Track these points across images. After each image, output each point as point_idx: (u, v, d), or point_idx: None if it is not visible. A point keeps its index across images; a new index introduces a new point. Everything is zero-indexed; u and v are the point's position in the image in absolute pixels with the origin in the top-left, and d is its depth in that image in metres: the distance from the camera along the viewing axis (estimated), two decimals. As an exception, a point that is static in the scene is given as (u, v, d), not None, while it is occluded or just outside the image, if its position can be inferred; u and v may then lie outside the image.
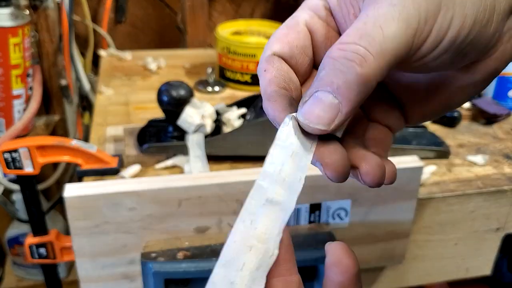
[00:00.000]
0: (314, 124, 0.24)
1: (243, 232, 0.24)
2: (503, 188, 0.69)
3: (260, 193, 0.25)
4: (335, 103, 0.23)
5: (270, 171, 0.25)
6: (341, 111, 0.23)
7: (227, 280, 0.23)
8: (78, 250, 0.55)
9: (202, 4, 1.13)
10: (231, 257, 0.24)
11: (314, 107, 0.24)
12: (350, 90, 0.23)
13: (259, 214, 0.24)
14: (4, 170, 0.61)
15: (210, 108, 0.71)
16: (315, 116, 0.24)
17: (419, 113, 0.31)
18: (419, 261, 0.72)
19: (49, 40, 1.00)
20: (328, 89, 0.23)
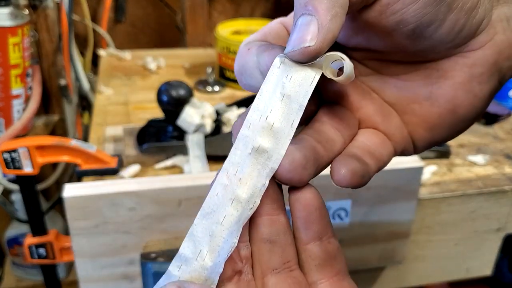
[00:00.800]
0: (298, 46, 0.23)
1: (226, 185, 0.24)
2: (504, 188, 0.69)
3: (245, 142, 0.24)
4: (309, 19, 0.23)
5: (254, 118, 0.24)
6: (320, 24, 0.23)
7: (206, 232, 0.23)
8: (78, 250, 0.55)
9: (202, 4, 1.13)
10: (212, 209, 0.24)
11: (296, 33, 0.23)
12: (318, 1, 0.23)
13: (244, 164, 0.24)
14: (4, 170, 0.61)
15: (210, 108, 0.71)
16: (298, 39, 0.23)
17: (425, 129, 0.28)
18: (420, 261, 0.71)
19: (48, 39, 0.99)
20: (301, 11, 0.23)
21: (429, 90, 0.27)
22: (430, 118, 0.28)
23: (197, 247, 0.24)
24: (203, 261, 0.23)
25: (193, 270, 0.24)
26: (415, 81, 0.28)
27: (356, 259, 0.66)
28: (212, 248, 0.23)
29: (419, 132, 0.28)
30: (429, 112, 0.28)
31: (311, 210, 0.25)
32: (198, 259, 0.23)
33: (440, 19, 0.24)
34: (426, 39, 0.25)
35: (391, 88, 0.29)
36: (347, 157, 0.25)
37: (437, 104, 0.27)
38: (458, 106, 0.27)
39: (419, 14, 0.24)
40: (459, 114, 0.27)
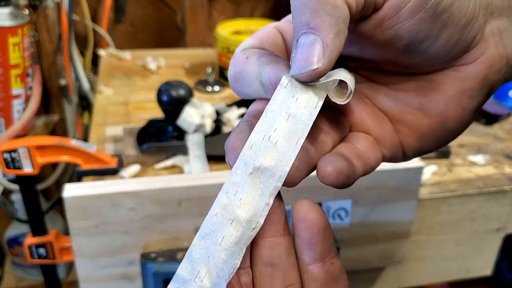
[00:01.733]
0: (305, 68, 0.23)
1: (226, 205, 0.23)
2: (504, 188, 0.69)
3: (246, 162, 0.23)
4: (314, 38, 0.22)
5: (257, 138, 0.23)
6: (325, 43, 0.22)
7: (204, 254, 0.23)
8: (78, 250, 0.55)
9: (202, 4, 1.13)
10: (211, 229, 0.23)
11: (301, 54, 0.23)
12: (319, 17, 0.22)
13: (245, 184, 0.23)
14: (4, 170, 0.61)
15: (210, 108, 0.71)
16: (304, 60, 0.23)
17: (415, 139, 0.28)
18: (420, 262, 0.71)
19: (48, 39, 0.99)
20: (303, 30, 0.23)
21: (421, 101, 0.28)
22: (420, 128, 0.28)
23: (195, 268, 0.23)
24: (201, 283, 0.23)
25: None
26: (407, 92, 0.28)
27: (356, 259, 0.66)
28: (211, 269, 0.23)
29: (409, 140, 0.29)
30: (420, 122, 0.28)
31: (314, 232, 0.24)
32: (196, 281, 0.23)
33: (434, 35, 0.25)
34: (420, 54, 0.26)
35: (383, 97, 0.29)
36: (334, 156, 0.25)
37: (428, 115, 0.28)
38: (448, 118, 0.27)
39: (413, 30, 0.24)
40: (449, 126, 0.28)
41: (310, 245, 0.24)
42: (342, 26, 0.23)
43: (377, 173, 0.59)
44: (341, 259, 0.51)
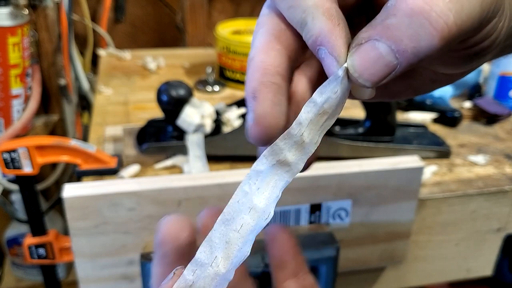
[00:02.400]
0: (363, 80, 0.21)
1: (247, 192, 0.24)
2: (504, 188, 0.69)
3: (275, 153, 0.24)
4: (393, 64, 0.20)
5: (295, 132, 0.23)
6: (393, 73, 0.21)
7: (223, 239, 0.24)
8: (77, 251, 0.55)
9: (202, 3, 1.13)
10: (231, 216, 0.24)
11: (370, 58, 0.21)
12: (416, 57, 0.20)
13: (267, 175, 0.24)
14: (3, 170, 0.61)
15: (209, 108, 0.70)
16: (367, 70, 0.21)
17: (384, 95, 0.29)
18: (420, 262, 0.71)
19: (48, 39, 0.99)
20: (392, 46, 0.20)
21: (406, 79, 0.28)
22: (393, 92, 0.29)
23: (213, 253, 0.24)
24: (217, 268, 0.24)
25: (207, 275, 0.24)
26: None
27: (356, 259, 0.65)
28: (227, 255, 0.24)
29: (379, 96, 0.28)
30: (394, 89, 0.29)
31: (286, 249, 0.25)
32: (213, 265, 0.24)
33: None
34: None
35: None
36: None
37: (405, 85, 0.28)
38: (421, 90, 0.28)
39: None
40: (420, 92, 0.29)
41: (283, 263, 0.25)
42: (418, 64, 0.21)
43: (377, 173, 0.59)
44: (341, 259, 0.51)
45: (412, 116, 0.86)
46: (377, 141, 0.73)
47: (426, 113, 0.86)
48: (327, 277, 0.57)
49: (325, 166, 0.59)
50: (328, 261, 0.56)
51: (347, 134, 0.73)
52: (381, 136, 0.73)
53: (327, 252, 0.56)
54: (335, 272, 0.57)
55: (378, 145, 0.72)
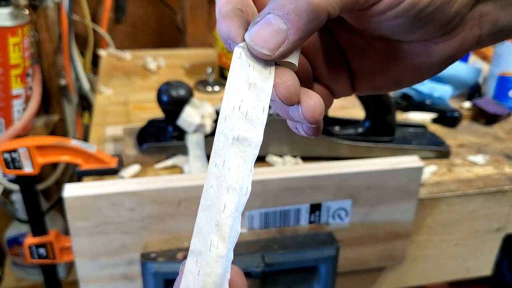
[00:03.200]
0: (259, 48, 0.24)
1: (218, 175, 0.24)
2: (504, 188, 0.69)
3: (225, 133, 0.24)
4: (283, 29, 0.23)
5: (229, 110, 0.25)
6: (288, 39, 0.23)
7: (212, 224, 0.24)
8: (78, 250, 0.55)
9: (202, 4, 1.13)
10: (211, 201, 0.24)
11: (262, 29, 0.23)
12: (300, 17, 0.23)
13: (229, 154, 0.24)
14: (4, 170, 0.61)
15: (210, 108, 0.71)
16: (261, 39, 0.23)
17: (369, 84, 0.31)
18: (420, 262, 0.72)
19: (48, 39, 0.99)
20: (279, 12, 0.23)
21: (384, 63, 0.30)
22: (376, 82, 0.30)
23: (207, 239, 0.24)
24: (217, 249, 0.24)
25: (210, 260, 0.24)
26: (376, 50, 0.30)
27: (356, 259, 0.66)
28: (221, 236, 0.24)
29: (363, 87, 0.31)
30: (377, 78, 0.30)
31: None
32: (212, 249, 0.24)
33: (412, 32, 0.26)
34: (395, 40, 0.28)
35: (353, 48, 0.30)
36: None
37: (386, 75, 0.30)
38: (403, 80, 0.30)
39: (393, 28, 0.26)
40: (402, 85, 0.30)
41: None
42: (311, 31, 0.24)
43: (377, 173, 0.59)
44: (341, 259, 0.51)
45: (412, 116, 0.86)
46: (377, 141, 0.73)
47: (426, 113, 0.86)
48: (327, 277, 0.57)
49: (325, 166, 0.59)
50: (328, 261, 0.56)
51: (346, 134, 0.74)
52: (381, 136, 0.73)
53: (327, 252, 0.56)
54: (335, 272, 0.57)
55: (377, 145, 0.72)
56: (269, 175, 0.57)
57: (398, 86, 0.30)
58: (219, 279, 0.24)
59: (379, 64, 0.30)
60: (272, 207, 0.58)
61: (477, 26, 0.27)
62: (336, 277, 0.58)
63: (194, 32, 1.16)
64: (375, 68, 0.30)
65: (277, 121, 0.67)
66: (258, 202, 0.57)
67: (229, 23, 0.25)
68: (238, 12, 0.25)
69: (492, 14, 0.27)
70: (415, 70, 0.29)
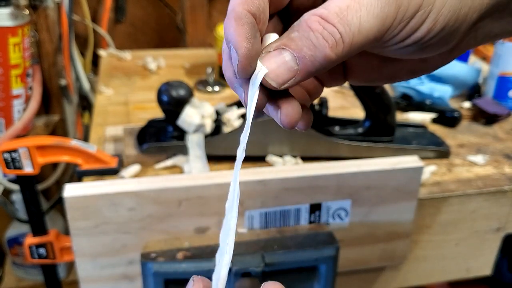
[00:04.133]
0: (270, 80, 0.26)
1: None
2: (504, 188, 0.69)
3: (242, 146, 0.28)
4: (294, 69, 0.25)
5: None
6: (295, 77, 0.26)
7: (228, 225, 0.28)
8: (78, 250, 0.55)
9: (202, 4, 1.13)
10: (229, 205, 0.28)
11: (276, 62, 0.25)
12: (313, 64, 0.25)
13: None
14: (4, 170, 0.61)
15: (210, 108, 0.71)
16: (273, 71, 0.25)
17: (362, 78, 0.32)
18: (420, 261, 0.72)
19: (49, 40, 0.99)
20: (295, 53, 0.25)
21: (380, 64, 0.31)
22: (369, 77, 0.32)
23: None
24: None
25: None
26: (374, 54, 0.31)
27: (356, 259, 0.66)
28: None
29: (355, 80, 0.33)
30: (371, 73, 0.32)
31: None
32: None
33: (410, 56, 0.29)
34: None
35: None
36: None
37: (381, 74, 0.32)
38: (397, 77, 0.32)
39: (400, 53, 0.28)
40: (395, 81, 0.33)
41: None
42: (316, 73, 0.26)
43: (377, 173, 0.59)
44: (341, 259, 0.51)
45: (412, 116, 0.86)
46: (377, 141, 0.73)
47: (426, 113, 0.86)
48: (327, 277, 0.57)
49: (325, 166, 0.59)
50: (328, 260, 0.56)
51: (346, 134, 0.74)
52: (381, 136, 0.73)
53: (327, 252, 0.56)
54: (335, 271, 0.57)
55: (377, 145, 0.72)
56: (269, 175, 0.57)
57: (391, 81, 0.33)
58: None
59: (375, 63, 0.31)
60: (272, 207, 0.58)
61: (473, 38, 0.29)
62: (336, 277, 0.58)
63: (194, 32, 1.16)
64: (371, 66, 0.31)
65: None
66: (258, 202, 0.57)
67: (238, 31, 0.25)
68: (251, 19, 0.25)
69: (487, 27, 0.28)
70: (409, 71, 0.31)
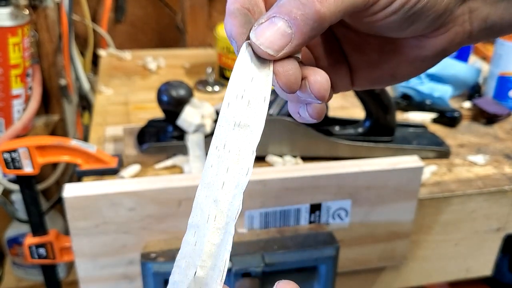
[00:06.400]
0: (264, 47, 0.25)
1: (218, 156, 0.26)
2: (504, 188, 0.69)
3: (227, 119, 0.26)
4: (288, 32, 0.25)
5: (232, 97, 0.26)
6: (292, 42, 0.25)
7: (210, 199, 0.26)
8: (78, 250, 0.55)
9: (202, 4, 1.13)
10: (211, 179, 0.26)
11: (268, 30, 0.25)
12: (306, 24, 0.24)
13: (230, 138, 0.26)
14: (4, 170, 0.61)
15: (209, 108, 0.71)
16: (266, 39, 0.25)
17: (366, 77, 0.32)
18: (420, 262, 0.72)
19: (48, 39, 0.99)
20: (285, 17, 0.25)
21: (379, 58, 0.31)
22: (372, 76, 0.32)
23: (205, 213, 0.26)
24: (214, 222, 0.25)
25: (207, 231, 0.25)
26: (371, 45, 0.31)
27: (356, 259, 0.66)
28: (220, 211, 0.25)
29: (360, 81, 0.32)
30: (373, 71, 0.32)
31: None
32: (209, 222, 0.25)
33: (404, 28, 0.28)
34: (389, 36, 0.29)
35: (349, 44, 0.32)
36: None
37: (382, 69, 0.32)
38: (398, 73, 0.32)
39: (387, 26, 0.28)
40: (397, 78, 0.32)
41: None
42: (313, 36, 0.25)
43: (377, 173, 0.59)
44: (341, 259, 0.51)
45: (412, 116, 0.86)
46: (377, 141, 0.73)
47: (426, 113, 0.86)
48: (327, 277, 0.57)
49: (325, 166, 0.59)
50: (328, 260, 0.56)
51: (346, 134, 0.74)
52: (381, 136, 0.73)
53: (327, 252, 0.56)
54: (335, 271, 0.57)
55: (377, 145, 0.72)
56: (269, 175, 0.57)
57: (395, 80, 0.32)
58: (216, 249, 0.25)
59: (375, 57, 0.31)
60: (272, 207, 0.58)
61: (467, 21, 0.28)
62: (336, 277, 0.58)
63: (194, 32, 1.16)
64: (371, 61, 0.31)
65: (277, 121, 0.68)
66: (258, 202, 0.57)
67: (233, 22, 0.26)
68: (244, 11, 0.26)
69: (481, 9, 0.28)
70: (409, 63, 0.31)
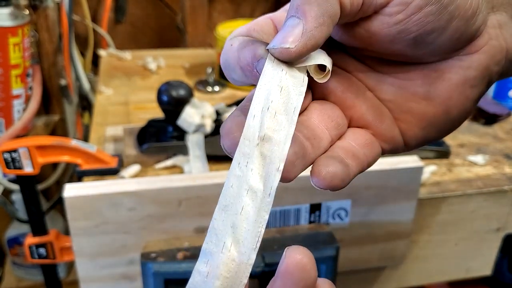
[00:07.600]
0: (279, 44, 0.24)
1: (239, 176, 0.24)
2: (504, 188, 0.69)
3: (252, 132, 0.24)
4: (297, 22, 0.24)
5: (258, 110, 0.24)
6: (304, 29, 0.23)
7: (227, 224, 0.24)
8: (78, 250, 0.55)
9: (202, 4, 1.13)
10: (229, 201, 0.24)
11: (280, 33, 0.24)
12: (309, 6, 0.23)
13: (253, 154, 0.24)
14: (4, 170, 0.61)
15: (210, 108, 0.71)
16: (279, 39, 0.24)
17: (420, 128, 0.29)
18: (420, 261, 0.72)
19: (48, 40, 0.99)
20: (292, 13, 0.24)
21: (427, 89, 0.28)
22: (425, 116, 0.28)
23: (220, 240, 0.23)
24: (229, 252, 0.23)
25: (221, 262, 0.23)
26: (413, 80, 0.28)
27: (356, 259, 0.66)
28: (236, 239, 0.23)
29: (413, 130, 0.29)
30: (425, 111, 0.28)
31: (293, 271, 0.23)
32: (224, 251, 0.23)
33: (441, 27, 0.25)
34: (427, 45, 0.26)
35: (388, 86, 0.29)
36: (329, 159, 0.25)
37: (433, 104, 0.28)
38: (451, 107, 0.28)
39: (421, 23, 0.25)
40: (452, 115, 0.28)
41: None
42: (327, 19, 0.24)
43: (377, 173, 0.59)
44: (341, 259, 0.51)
45: (412, 116, 0.86)
46: (377, 141, 0.73)
47: (426, 113, 0.86)
48: (327, 277, 0.57)
49: (325, 166, 0.59)
50: (328, 260, 0.56)
51: (347, 134, 0.74)
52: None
53: (327, 251, 0.56)
54: (335, 271, 0.57)
55: (377, 145, 0.72)
56: (269, 175, 0.56)
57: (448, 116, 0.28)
58: (229, 283, 0.23)
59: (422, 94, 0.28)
60: (272, 207, 0.58)
61: (501, 36, 0.27)
62: (336, 277, 0.58)
63: (194, 32, 1.16)
64: (419, 102, 0.28)
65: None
66: (258, 202, 0.57)
67: (252, 46, 0.25)
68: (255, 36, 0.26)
69: (510, 25, 0.27)
70: (458, 92, 0.28)
